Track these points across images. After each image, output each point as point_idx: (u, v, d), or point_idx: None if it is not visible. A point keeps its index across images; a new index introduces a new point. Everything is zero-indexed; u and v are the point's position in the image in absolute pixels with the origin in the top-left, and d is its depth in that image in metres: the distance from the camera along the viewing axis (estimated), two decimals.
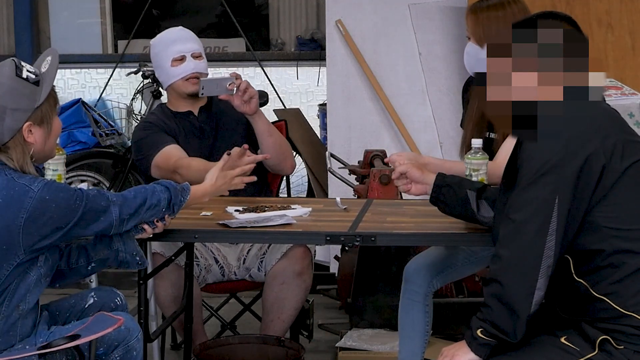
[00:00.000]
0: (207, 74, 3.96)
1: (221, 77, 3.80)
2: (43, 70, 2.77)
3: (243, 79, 3.77)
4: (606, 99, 3.89)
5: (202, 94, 3.77)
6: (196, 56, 3.94)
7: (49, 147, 2.80)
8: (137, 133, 3.95)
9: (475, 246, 3.25)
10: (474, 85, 3.40)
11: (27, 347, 2.73)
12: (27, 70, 2.72)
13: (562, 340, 2.43)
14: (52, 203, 2.63)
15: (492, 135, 3.34)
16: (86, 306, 3.02)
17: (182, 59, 3.92)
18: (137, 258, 2.92)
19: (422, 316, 3.30)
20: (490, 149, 3.29)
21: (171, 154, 3.77)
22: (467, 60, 3.36)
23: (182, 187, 2.95)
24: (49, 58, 2.80)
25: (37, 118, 2.73)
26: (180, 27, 4.07)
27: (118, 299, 3.08)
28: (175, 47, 3.93)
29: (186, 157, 3.75)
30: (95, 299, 3.04)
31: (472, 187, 2.87)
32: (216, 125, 3.98)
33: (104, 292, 3.09)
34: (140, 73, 6.31)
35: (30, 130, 2.72)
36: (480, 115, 3.36)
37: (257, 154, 3.96)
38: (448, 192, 2.88)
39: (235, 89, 3.73)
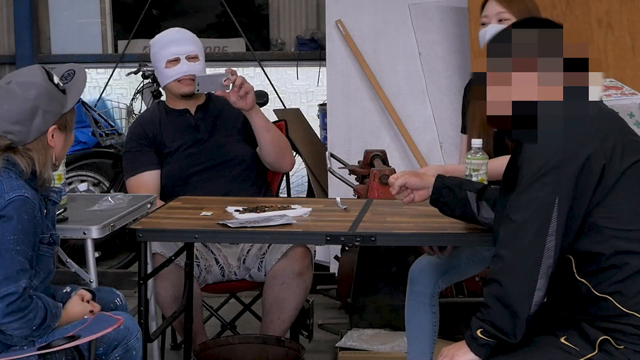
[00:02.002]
0: (204, 74, 3.97)
1: (217, 73, 3.80)
2: (65, 82, 2.82)
3: (238, 75, 3.77)
4: (606, 99, 3.90)
5: (198, 90, 3.80)
6: (191, 58, 3.95)
7: (63, 155, 2.85)
8: (127, 140, 4.08)
9: (475, 246, 3.25)
10: (473, 86, 3.39)
11: (26, 347, 2.72)
12: (55, 77, 2.77)
13: (562, 340, 2.43)
14: (2, 222, 2.62)
15: None
16: None
17: (176, 60, 3.94)
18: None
19: (429, 317, 3.30)
20: (503, 144, 3.28)
21: (141, 185, 3.90)
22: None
23: (55, 313, 2.75)
24: (73, 71, 2.84)
25: (62, 124, 2.79)
26: (178, 28, 4.08)
27: (118, 299, 3.08)
28: (170, 48, 3.94)
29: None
30: (96, 299, 3.04)
31: (472, 189, 2.87)
32: (213, 123, 3.99)
33: (104, 292, 3.09)
34: (140, 73, 6.31)
35: (53, 135, 2.75)
36: (482, 116, 3.35)
37: (255, 151, 3.98)
38: (448, 193, 2.88)
39: (230, 84, 3.73)
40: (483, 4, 3.39)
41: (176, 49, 3.94)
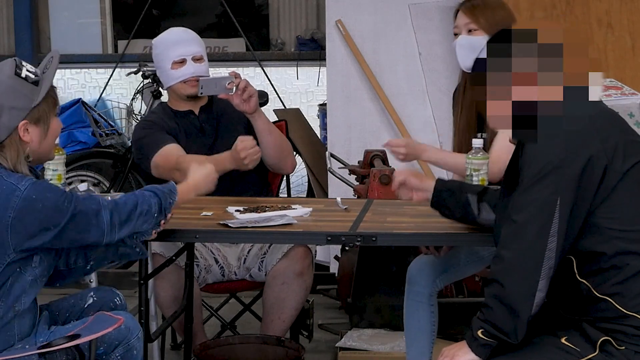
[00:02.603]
0: (207, 77, 3.96)
1: (220, 76, 3.80)
2: (44, 71, 2.78)
3: (242, 78, 3.77)
4: (606, 99, 3.90)
5: (202, 93, 3.78)
6: (197, 59, 3.94)
7: (45, 147, 2.80)
8: (137, 132, 3.96)
9: (475, 246, 3.25)
10: (470, 85, 3.39)
11: (27, 346, 2.73)
12: (27, 70, 2.73)
13: (563, 340, 2.43)
14: (39, 203, 2.62)
15: (484, 135, 3.34)
16: (86, 306, 3.02)
17: (182, 61, 3.92)
18: (137, 249, 2.91)
19: (428, 316, 3.30)
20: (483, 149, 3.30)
21: (171, 152, 3.77)
22: (460, 53, 3.33)
23: (169, 190, 2.92)
24: (51, 59, 2.81)
25: (33, 117, 2.73)
26: (183, 29, 4.06)
27: (117, 298, 3.08)
28: (177, 49, 3.92)
29: (187, 155, 3.75)
30: (95, 298, 3.04)
31: (472, 191, 2.87)
32: (217, 125, 3.98)
33: (104, 292, 3.09)
34: (140, 73, 6.31)
35: (27, 129, 2.72)
36: (465, 119, 3.38)
37: None
38: (449, 196, 2.88)
39: (234, 87, 3.73)
40: (455, 14, 3.39)
41: (183, 49, 3.93)
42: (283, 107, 7.21)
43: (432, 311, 3.32)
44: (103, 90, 7.58)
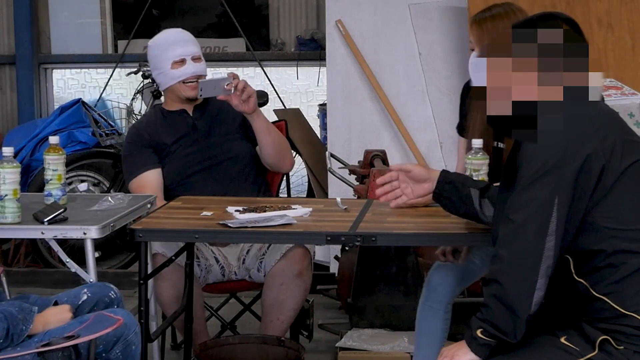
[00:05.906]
0: (206, 76, 3.98)
1: (219, 77, 3.81)
2: None
3: (241, 79, 3.78)
4: (606, 99, 3.90)
5: (201, 95, 3.80)
6: (196, 59, 3.96)
7: None
8: (125, 146, 4.07)
9: (475, 246, 3.24)
10: (473, 98, 3.38)
11: (20, 348, 2.72)
12: None
13: (562, 340, 2.43)
14: None
15: (501, 145, 3.32)
16: (80, 303, 3.01)
17: (182, 61, 3.94)
18: None
19: (442, 324, 3.28)
20: (499, 159, 3.28)
21: (145, 185, 3.89)
22: (472, 72, 3.31)
23: (25, 317, 2.76)
24: None
25: None
26: (179, 29, 4.08)
27: (112, 292, 3.07)
28: (176, 49, 3.94)
29: (156, 193, 3.81)
30: (89, 295, 3.03)
31: (475, 186, 2.87)
32: (211, 123, 4.00)
33: (97, 287, 3.08)
34: (140, 73, 6.32)
35: None
36: (484, 126, 3.35)
37: (255, 151, 3.98)
38: (451, 189, 2.88)
39: (232, 88, 3.74)
40: (470, 24, 3.36)
41: (182, 49, 3.94)
42: (283, 107, 7.21)
43: (447, 319, 3.30)
44: (103, 90, 7.58)
